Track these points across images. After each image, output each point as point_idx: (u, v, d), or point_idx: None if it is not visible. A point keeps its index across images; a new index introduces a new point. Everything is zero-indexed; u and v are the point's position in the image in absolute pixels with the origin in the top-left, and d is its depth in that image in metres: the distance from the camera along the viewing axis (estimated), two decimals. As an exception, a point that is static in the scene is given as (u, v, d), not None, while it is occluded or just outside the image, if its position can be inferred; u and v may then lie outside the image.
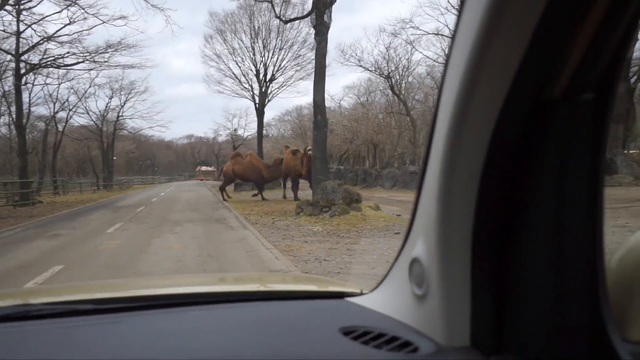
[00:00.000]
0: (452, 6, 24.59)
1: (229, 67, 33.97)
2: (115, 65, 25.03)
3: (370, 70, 32.56)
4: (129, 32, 45.49)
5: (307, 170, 16.91)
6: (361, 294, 0.89)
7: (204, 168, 73.80)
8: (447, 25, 26.19)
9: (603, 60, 0.51)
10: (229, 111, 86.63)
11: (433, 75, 31.70)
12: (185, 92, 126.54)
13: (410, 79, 34.23)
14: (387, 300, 0.80)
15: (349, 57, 32.76)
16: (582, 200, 0.56)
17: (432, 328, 0.68)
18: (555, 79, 0.52)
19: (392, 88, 32.02)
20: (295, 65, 32.62)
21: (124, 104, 40.53)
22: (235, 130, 53.70)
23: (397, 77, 32.58)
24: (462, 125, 0.56)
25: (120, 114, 41.12)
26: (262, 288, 1.06)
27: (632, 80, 21.93)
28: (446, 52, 0.57)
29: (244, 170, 19.76)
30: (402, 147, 36.68)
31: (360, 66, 32.31)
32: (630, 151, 21.60)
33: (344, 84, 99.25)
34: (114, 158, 45.95)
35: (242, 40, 32.42)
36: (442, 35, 26.68)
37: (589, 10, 0.47)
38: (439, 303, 0.65)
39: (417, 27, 32.59)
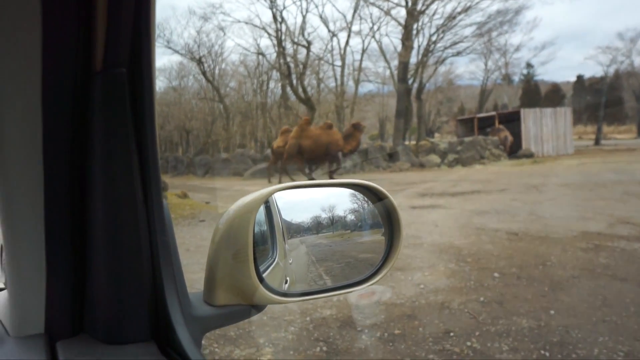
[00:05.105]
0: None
1: None
2: None
3: (181, 54, 31.22)
4: None
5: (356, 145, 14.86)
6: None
7: None
8: (257, 15, 26.67)
9: (124, 42, 0.60)
10: None
11: (246, 63, 32.10)
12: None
13: (223, 65, 33.99)
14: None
15: (157, 37, 30.74)
16: (134, 183, 0.62)
17: (7, 318, 0.68)
18: (90, 56, 0.60)
19: (204, 73, 31.28)
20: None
21: None
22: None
23: (210, 63, 31.99)
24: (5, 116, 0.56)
25: None
26: None
27: (410, 81, 26.00)
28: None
29: (315, 143, 13.56)
30: (216, 134, 36.33)
31: (169, 48, 30.67)
32: (412, 142, 25.68)
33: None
34: None
35: None
36: (252, 24, 27.17)
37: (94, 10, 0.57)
38: (13, 294, 0.66)
39: (228, 14, 32.52)
